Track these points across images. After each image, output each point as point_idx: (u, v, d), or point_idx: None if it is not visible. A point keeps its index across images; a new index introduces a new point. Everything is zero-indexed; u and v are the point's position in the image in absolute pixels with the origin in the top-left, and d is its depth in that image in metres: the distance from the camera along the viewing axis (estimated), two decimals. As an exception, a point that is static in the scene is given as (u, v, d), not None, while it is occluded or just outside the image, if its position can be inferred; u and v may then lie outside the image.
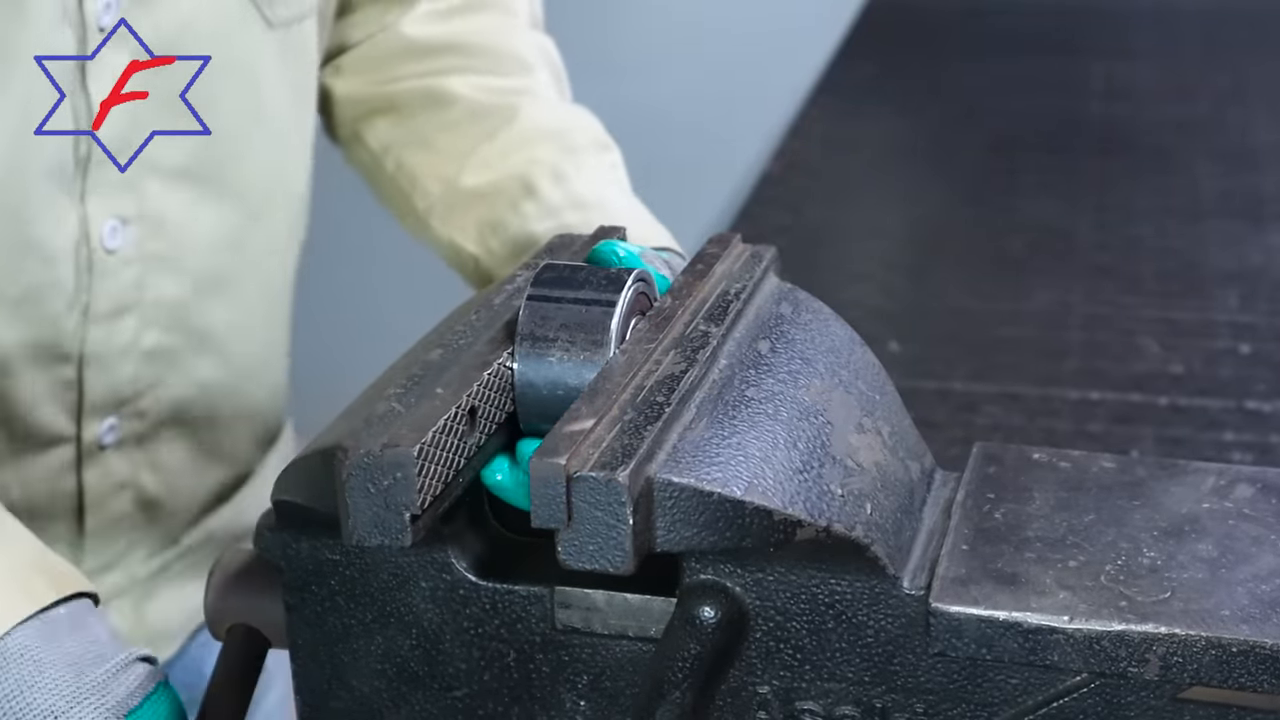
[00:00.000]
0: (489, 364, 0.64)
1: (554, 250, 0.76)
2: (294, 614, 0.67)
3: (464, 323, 0.69)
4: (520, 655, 0.65)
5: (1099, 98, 2.32)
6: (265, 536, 0.67)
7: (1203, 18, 2.65)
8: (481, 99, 1.07)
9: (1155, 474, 0.68)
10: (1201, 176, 2.02)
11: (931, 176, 2.11)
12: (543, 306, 0.65)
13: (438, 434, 0.60)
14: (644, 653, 0.64)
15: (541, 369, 0.64)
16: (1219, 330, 1.58)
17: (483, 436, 0.63)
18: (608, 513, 0.57)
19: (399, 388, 0.64)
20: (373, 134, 1.10)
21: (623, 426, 0.60)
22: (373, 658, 0.66)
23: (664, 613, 0.63)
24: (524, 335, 0.64)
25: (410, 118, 1.08)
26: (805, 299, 0.73)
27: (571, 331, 0.64)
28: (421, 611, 0.65)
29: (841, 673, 0.62)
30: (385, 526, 0.59)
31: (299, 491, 0.65)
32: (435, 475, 0.59)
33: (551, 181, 1.01)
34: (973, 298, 1.69)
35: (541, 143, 1.04)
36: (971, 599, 0.60)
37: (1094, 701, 0.60)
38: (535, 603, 0.64)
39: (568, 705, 0.65)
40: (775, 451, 0.61)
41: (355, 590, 0.66)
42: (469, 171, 1.04)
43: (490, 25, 1.12)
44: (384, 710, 0.67)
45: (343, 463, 0.59)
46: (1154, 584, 0.61)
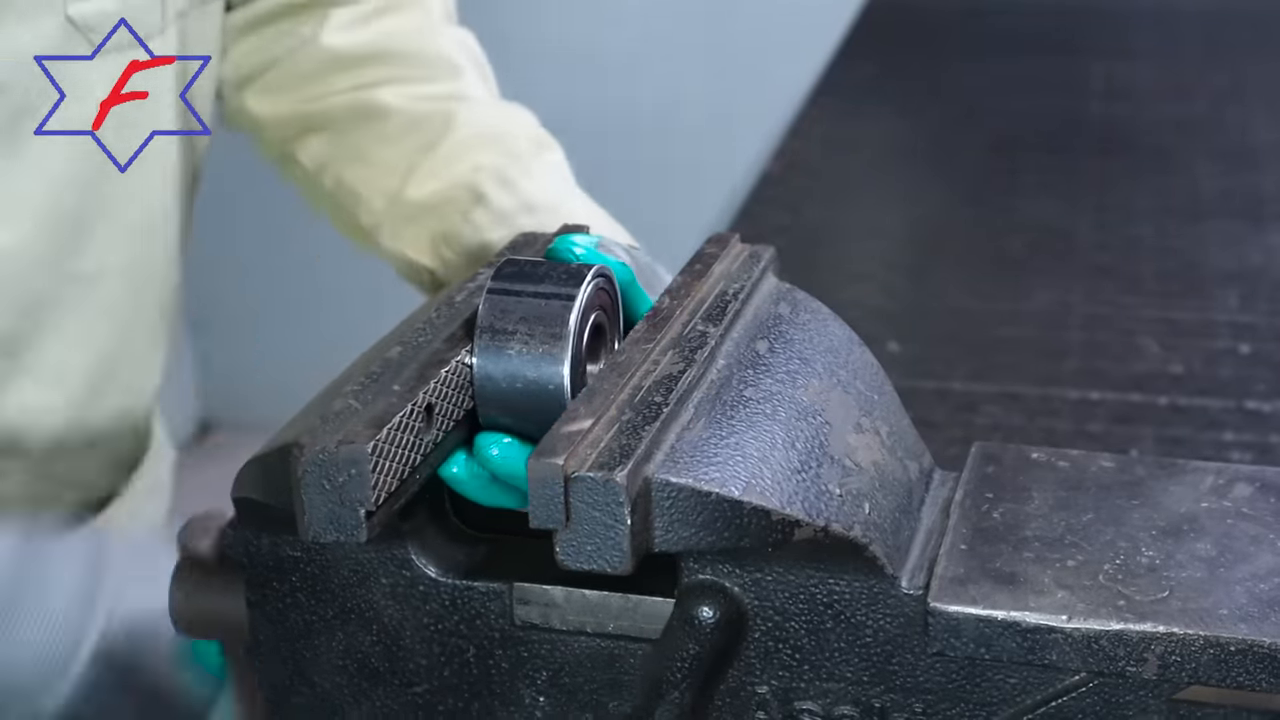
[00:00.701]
0: (446, 361, 0.64)
1: (517, 249, 0.76)
2: (256, 611, 0.67)
3: (424, 320, 0.69)
4: (480, 651, 0.65)
5: (1099, 98, 2.31)
6: (226, 534, 0.67)
7: (1203, 18, 2.65)
8: (415, 108, 1.05)
9: (1154, 473, 0.68)
10: (1201, 176, 2.02)
11: (931, 176, 2.11)
12: (502, 300, 0.65)
13: (393, 431, 0.60)
14: (602, 648, 0.64)
15: (500, 362, 0.64)
16: (1219, 330, 1.58)
17: (440, 433, 0.63)
18: (606, 513, 0.57)
19: (356, 385, 0.64)
20: (306, 153, 1.08)
21: (620, 427, 0.60)
22: (334, 654, 0.67)
23: (622, 609, 0.64)
24: (483, 328, 0.65)
25: (344, 134, 1.06)
26: (804, 299, 0.73)
27: (530, 324, 0.65)
28: (382, 608, 0.66)
29: (840, 672, 0.62)
30: (340, 523, 0.59)
31: (258, 489, 0.65)
32: (390, 472, 0.60)
33: (499, 187, 1.00)
34: (973, 298, 1.69)
35: (483, 148, 1.03)
36: (970, 598, 0.60)
37: (1092, 701, 0.60)
38: (494, 599, 0.65)
39: (527, 701, 0.66)
40: (773, 451, 0.61)
41: (316, 587, 0.66)
42: (413, 184, 1.03)
43: (409, 26, 1.10)
44: (345, 706, 0.68)
45: (298, 459, 0.59)
46: (1152, 583, 0.61)
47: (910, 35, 2.66)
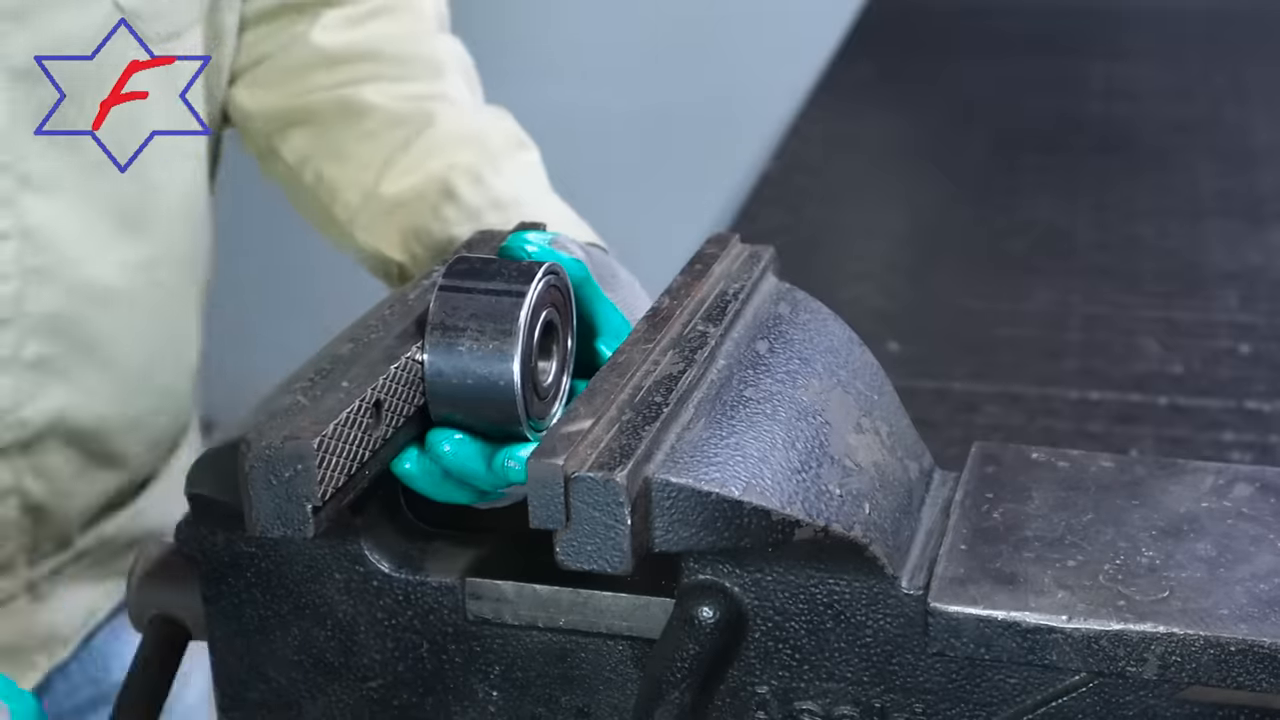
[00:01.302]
0: (397, 357, 0.64)
1: (473, 246, 0.77)
2: (211, 606, 0.68)
3: (377, 317, 0.69)
4: (433, 646, 0.66)
5: (1099, 98, 2.32)
6: (181, 529, 0.68)
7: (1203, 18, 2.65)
8: (397, 107, 1.06)
9: (1154, 473, 0.68)
10: (1201, 176, 2.02)
11: (931, 176, 2.11)
12: (453, 297, 0.65)
13: (340, 426, 0.60)
14: (554, 643, 0.65)
15: (451, 358, 0.65)
16: (1219, 330, 1.58)
17: (389, 429, 0.64)
18: (606, 513, 0.57)
19: (306, 381, 0.64)
20: (288, 146, 1.08)
21: (621, 427, 0.60)
22: (289, 649, 0.67)
23: (573, 604, 0.64)
24: (434, 325, 0.65)
25: (326, 129, 1.07)
26: (804, 299, 0.73)
27: (481, 321, 0.65)
28: (336, 603, 0.66)
29: (840, 672, 0.62)
30: (287, 518, 0.59)
31: (211, 484, 0.65)
32: (337, 467, 0.60)
33: (470, 184, 1.00)
34: (973, 298, 1.69)
35: (459, 147, 1.03)
36: (970, 598, 0.60)
37: (1092, 701, 0.60)
38: (447, 594, 0.65)
39: (480, 695, 0.66)
40: (773, 452, 0.61)
41: (271, 582, 0.66)
42: (388, 179, 1.03)
43: (400, 31, 1.10)
44: (301, 701, 0.68)
45: (245, 455, 0.60)
46: (1152, 583, 0.61)
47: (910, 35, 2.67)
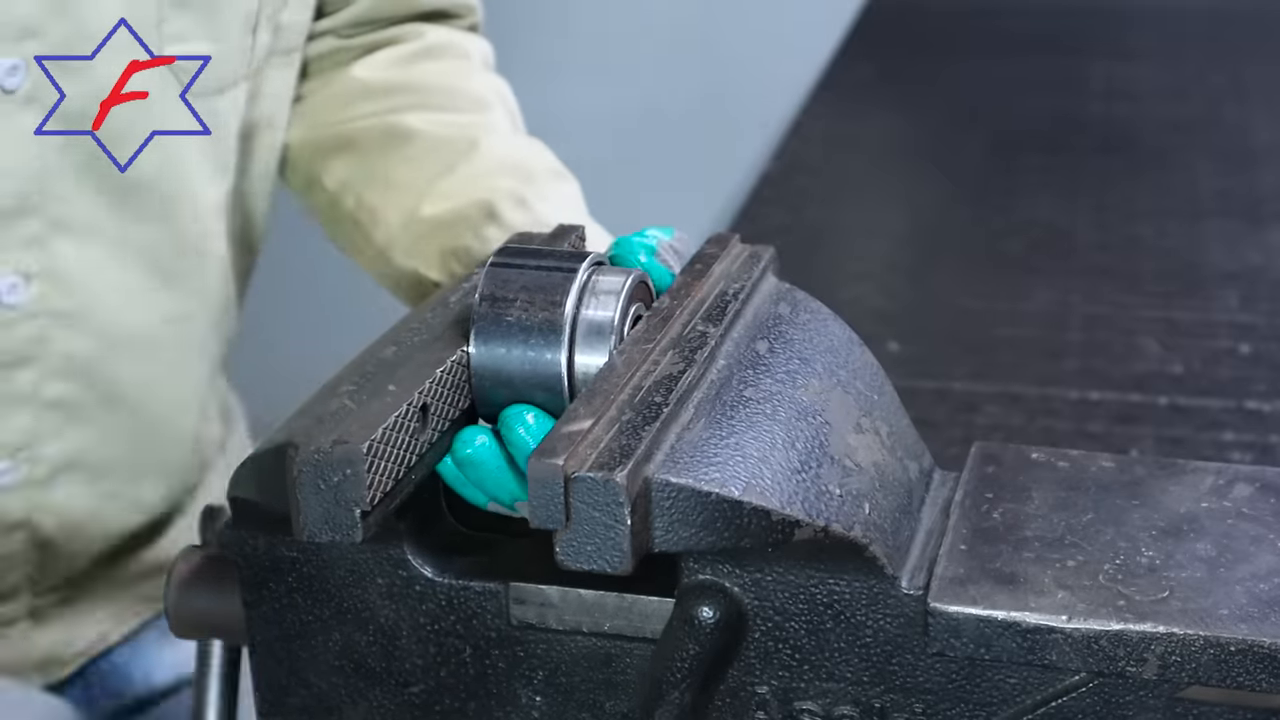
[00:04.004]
0: (442, 360, 0.64)
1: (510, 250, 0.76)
2: (252, 611, 0.67)
3: (419, 320, 0.69)
4: (476, 651, 0.65)
5: (1099, 98, 2.32)
6: (223, 533, 0.67)
7: (1203, 18, 2.65)
8: (440, 132, 1.06)
9: (1154, 473, 0.68)
10: (1201, 176, 2.02)
11: (931, 176, 2.11)
12: (504, 272, 0.65)
13: (388, 431, 0.60)
14: (598, 648, 0.64)
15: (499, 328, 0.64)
16: (1219, 330, 1.58)
17: (435, 433, 0.63)
18: (606, 513, 0.57)
19: (351, 385, 0.64)
20: (330, 174, 1.09)
21: (620, 427, 0.60)
22: (330, 654, 0.67)
23: (618, 608, 0.64)
24: (484, 296, 0.65)
25: (368, 155, 1.07)
26: (804, 299, 0.73)
27: (531, 293, 0.65)
28: (378, 608, 0.66)
29: (840, 673, 0.62)
30: (336, 523, 0.59)
31: (253, 488, 0.65)
32: (386, 472, 0.60)
33: (514, 207, 1.00)
34: (972, 298, 1.69)
35: (502, 172, 1.03)
36: (970, 599, 0.60)
37: (1092, 701, 0.60)
38: (490, 599, 0.65)
39: (523, 700, 0.65)
40: (773, 452, 0.61)
41: (312, 587, 0.66)
42: (429, 202, 1.03)
43: (445, 69, 1.12)
44: (342, 706, 0.68)
45: (293, 459, 0.59)
46: (1152, 583, 0.61)
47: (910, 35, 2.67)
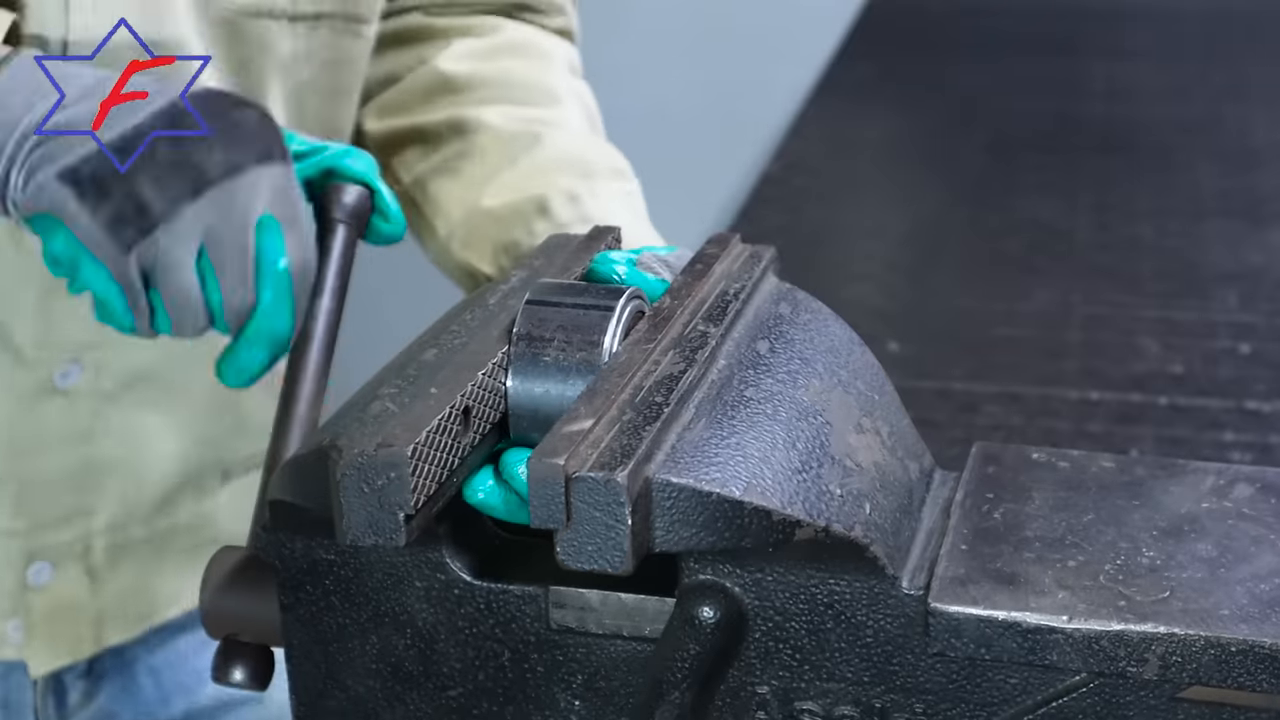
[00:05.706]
0: (482, 363, 0.64)
1: (549, 250, 0.76)
2: (289, 613, 0.67)
3: (459, 322, 0.69)
4: (515, 655, 0.65)
5: (1099, 98, 2.32)
6: (260, 535, 0.67)
7: (1203, 18, 2.65)
8: (508, 126, 1.08)
9: (1154, 474, 0.68)
10: (1201, 176, 2.02)
11: (931, 176, 2.11)
12: (540, 310, 0.65)
13: (431, 434, 0.60)
14: (639, 652, 0.64)
15: (536, 368, 0.64)
16: (1219, 330, 1.58)
17: (477, 436, 0.63)
18: (606, 513, 0.57)
19: (393, 387, 0.64)
20: (403, 166, 1.10)
21: (621, 427, 0.60)
22: (368, 657, 0.66)
23: (659, 612, 0.63)
24: (520, 335, 0.65)
25: (438, 146, 1.09)
26: (804, 299, 0.73)
27: (568, 332, 0.64)
28: (416, 611, 0.65)
29: (840, 673, 0.62)
30: (379, 526, 0.59)
31: (293, 491, 0.65)
32: (429, 475, 0.60)
33: (566, 202, 1.01)
34: (972, 298, 1.70)
35: (561, 169, 1.04)
36: (970, 599, 0.60)
37: (1093, 701, 0.60)
38: (530, 602, 0.64)
39: (562, 705, 0.65)
40: (774, 452, 0.61)
41: (350, 590, 0.66)
42: (489, 194, 1.04)
43: (526, 66, 1.13)
44: (379, 709, 0.67)
45: (336, 463, 0.59)
46: (1153, 584, 0.61)
47: (910, 35, 2.67)
